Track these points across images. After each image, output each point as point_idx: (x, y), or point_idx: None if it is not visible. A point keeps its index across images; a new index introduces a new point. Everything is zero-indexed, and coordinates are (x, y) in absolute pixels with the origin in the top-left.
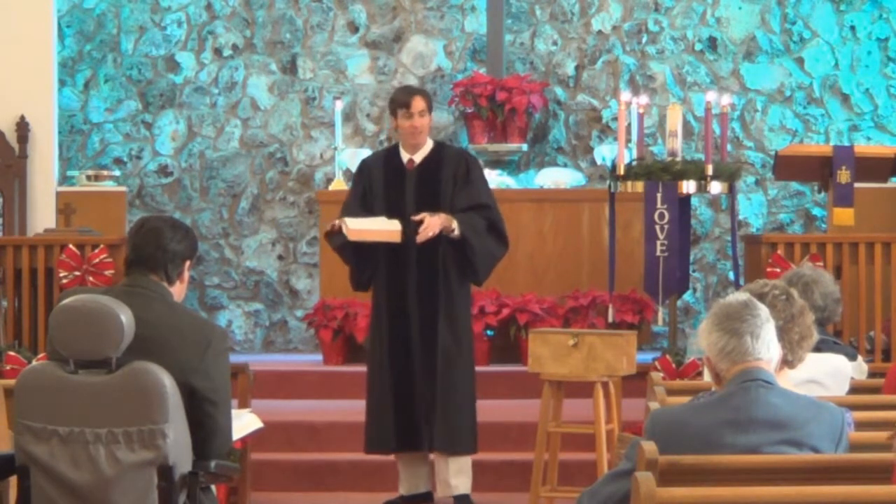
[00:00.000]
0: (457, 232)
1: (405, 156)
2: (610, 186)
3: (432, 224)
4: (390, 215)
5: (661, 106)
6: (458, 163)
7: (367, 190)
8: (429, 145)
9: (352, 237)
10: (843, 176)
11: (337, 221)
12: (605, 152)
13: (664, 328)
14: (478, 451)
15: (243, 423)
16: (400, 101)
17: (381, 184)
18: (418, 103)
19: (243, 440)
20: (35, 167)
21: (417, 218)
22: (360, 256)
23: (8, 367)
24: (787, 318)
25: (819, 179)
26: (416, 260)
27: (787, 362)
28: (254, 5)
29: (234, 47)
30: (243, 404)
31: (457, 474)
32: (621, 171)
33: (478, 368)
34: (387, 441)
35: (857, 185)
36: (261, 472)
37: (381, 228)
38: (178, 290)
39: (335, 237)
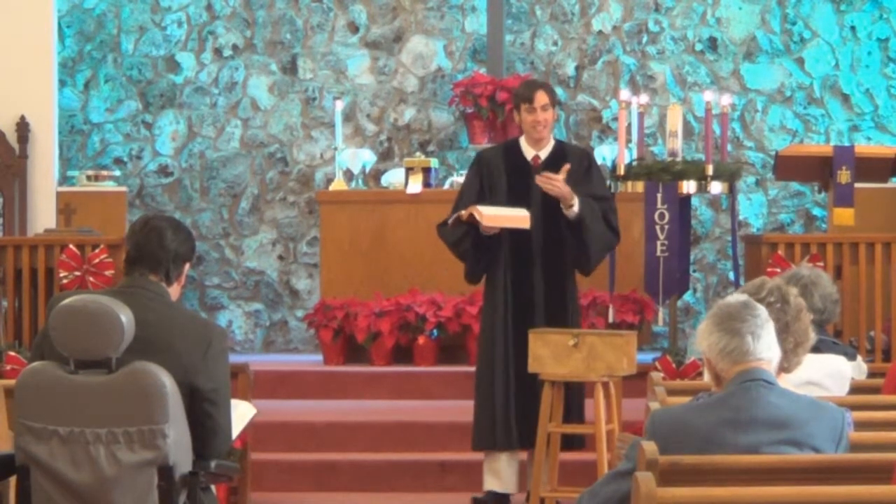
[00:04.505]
0: (575, 209)
1: (529, 152)
2: (610, 186)
3: (560, 185)
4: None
5: (661, 106)
6: (580, 160)
7: (483, 184)
8: (551, 142)
9: (486, 222)
10: (844, 176)
11: (464, 212)
12: (605, 152)
13: (664, 328)
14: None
15: (239, 413)
16: (523, 95)
17: (503, 179)
18: (541, 97)
19: (243, 440)
20: (35, 167)
21: (544, 175)
22: (481, 248)
23: (8, 367)
24: (782, 328)
25: (819, 179)
26: (542, 253)
27: (783, 368)
28: (254, 5)
29: (235, 47)
30: None
31: None
32: (621, 171)
33: None
34: (515, 439)
35: (857, 185)
36: (261, 472)
37: (512, 214)
38: (174, 291)
39: (454, 230)
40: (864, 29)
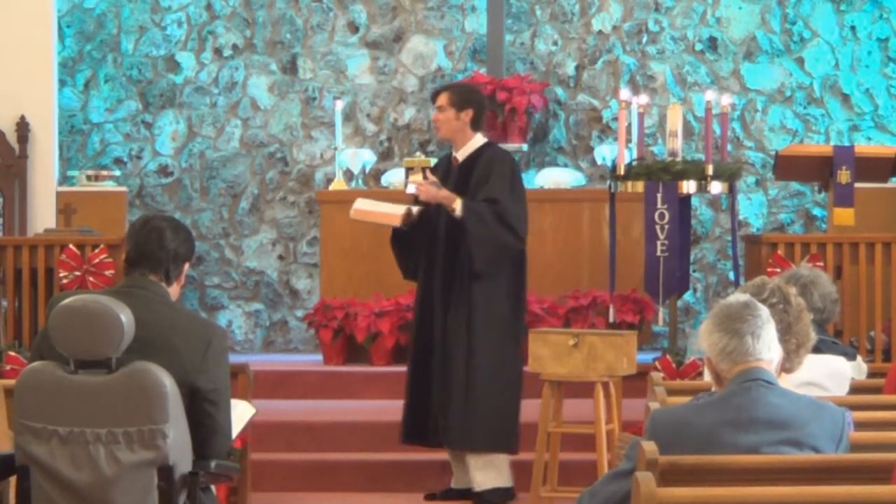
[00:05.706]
0: (458, 212)
1: (454, 154)
2: (610, 186)
3: (426, 188)
4: (430, 210)
5: (661, 106)
6: (486, 164)
7: None
8: (475, 144)
9: (352, 215)
10: (844, 176)
11: None
12: (605, 152)
13: (664, 328)
14: (506, 449)
15: (238, 413)
16: None
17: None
18: (439, 98)
19: (243, 440)
20: (35, 167)
21: (413, 179)
22: (401, 245)
23: (8, 367)
24: (784, 329)
25: (819, 179)
26: (443, 255)
27: (785, 369)
28: (254, 5)
29: (235, 47)
30: None
31: (479, 469)
32: (621, 171)
33: None
34: (405, 433)
35: (857, 185)
36: (261, 472)
37: (381, 211)
38: (174, 291)
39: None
40: (864, 29)
